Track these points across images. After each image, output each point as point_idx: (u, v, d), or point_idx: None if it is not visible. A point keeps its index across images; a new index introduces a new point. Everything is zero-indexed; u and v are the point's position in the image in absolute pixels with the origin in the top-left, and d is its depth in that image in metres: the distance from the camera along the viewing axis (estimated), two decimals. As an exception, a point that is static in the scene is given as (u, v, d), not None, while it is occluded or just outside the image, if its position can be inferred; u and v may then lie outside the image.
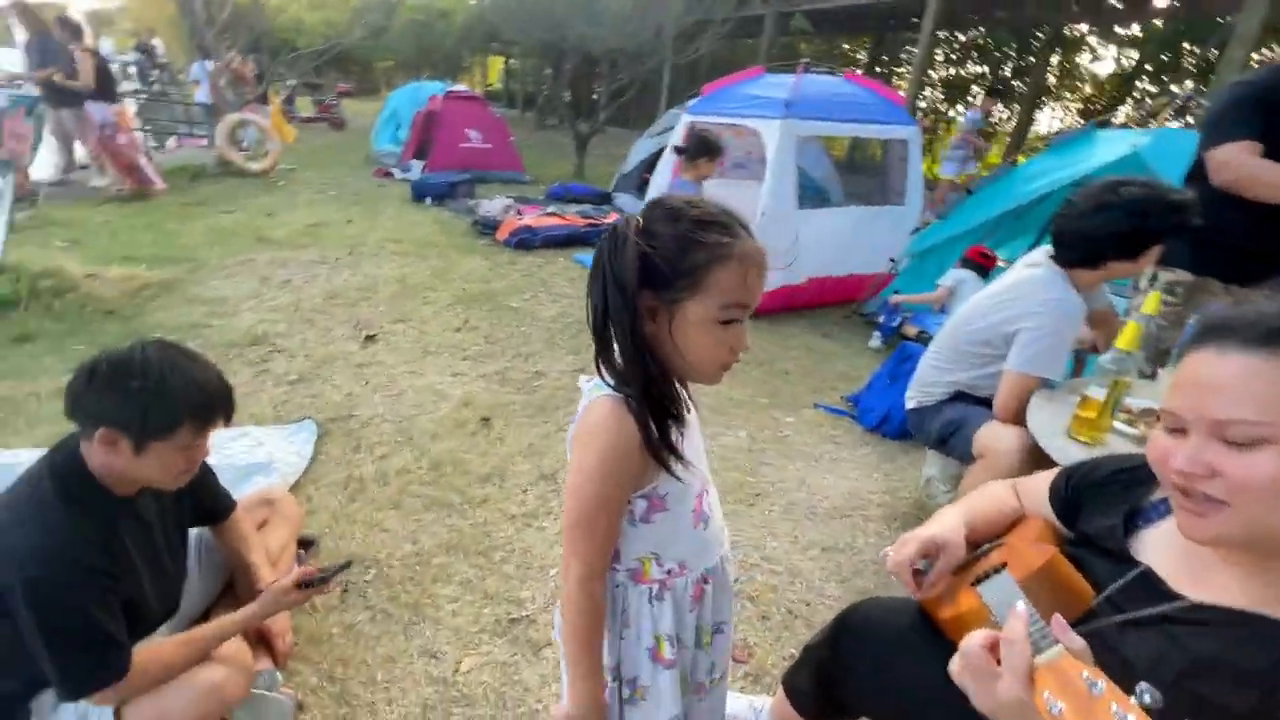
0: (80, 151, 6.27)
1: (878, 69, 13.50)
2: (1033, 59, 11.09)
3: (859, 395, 3.09)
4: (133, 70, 14.21)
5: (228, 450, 2.24)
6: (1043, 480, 1.07)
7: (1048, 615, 0.64)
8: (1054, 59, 11.76)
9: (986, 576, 0.96)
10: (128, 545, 1.26)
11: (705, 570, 0.94)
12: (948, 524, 1.03)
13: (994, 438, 1.75)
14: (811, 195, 5.62)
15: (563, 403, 2.87)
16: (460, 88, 9.09)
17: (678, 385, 0.86)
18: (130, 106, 9.12)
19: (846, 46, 15.55)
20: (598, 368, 0.82)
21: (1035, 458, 1.54)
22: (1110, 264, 1.74)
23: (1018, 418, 1.71)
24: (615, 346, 0.79)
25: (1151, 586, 0.76)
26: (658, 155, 5.88)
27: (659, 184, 5.15)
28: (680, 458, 0.83)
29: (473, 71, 24.04)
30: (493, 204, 5.85)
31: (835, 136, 5.76)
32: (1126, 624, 0.75)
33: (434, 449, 2.44)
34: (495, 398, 2.86)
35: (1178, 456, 0.68)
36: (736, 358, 0.80)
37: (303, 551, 1.78)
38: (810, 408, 3.09)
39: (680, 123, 5.39)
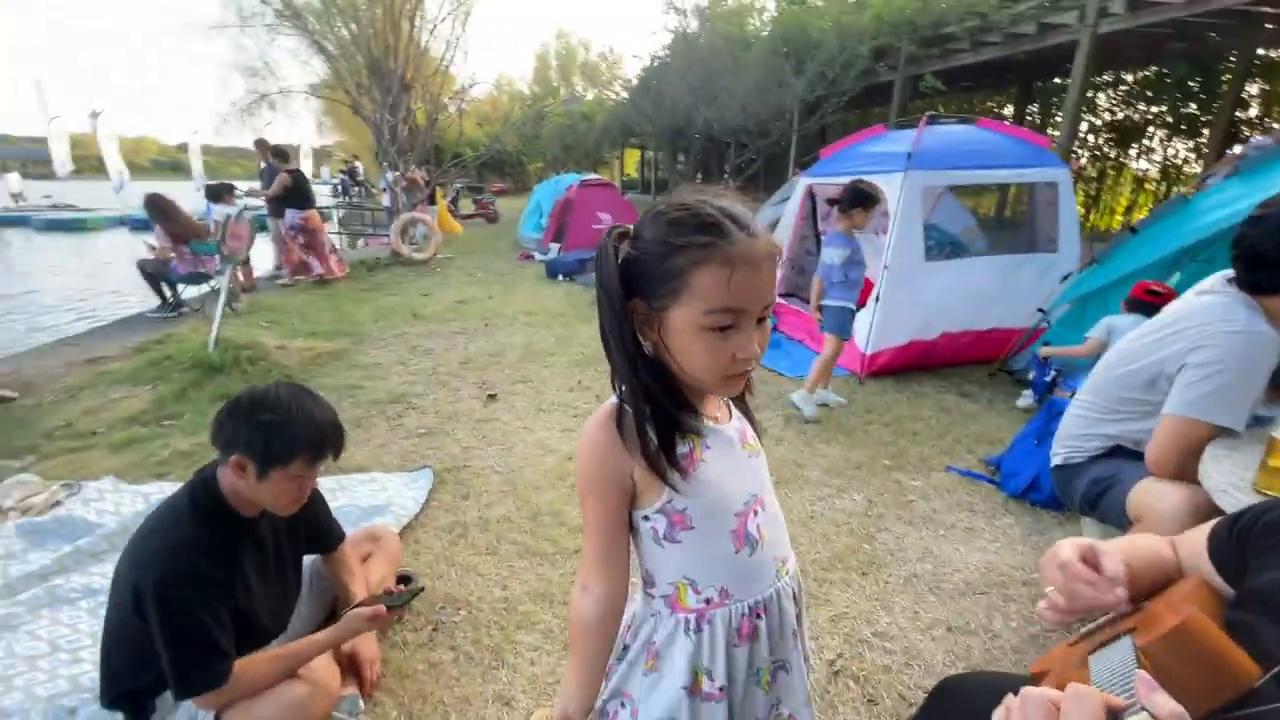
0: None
1: (1026, 120, 12.63)
2: (1221, 92, 9.74)
3: (1001, 458, 2.70)
4: (343, 188, 17.49)
5: (355, 492, 2.47)
6: (1204, 531, 0.84)
7: (1183, 694, 0.48)
8: (1251, 87, 10.27)
9: (1108, 644, 0.76)
10: (243, 561, 1.41)
11: (755, 603, 0.84)
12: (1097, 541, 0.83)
13: (1153, 496, 1.42)
14: (948, 248, 5.26)
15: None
16: (593, 176, 9.90)
17: (688, 396, 0.80)
18: (334, 214, 11.07)
19: (990, 104, 14.78)
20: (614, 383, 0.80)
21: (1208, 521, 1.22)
22: None
23: (1177, 473, 1.38)
24: (615, 365, 0.76)
25: None
26: (777, 223, 5.88)
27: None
28: (677, 468, 0.76)
29: (611, 164, 26.17)
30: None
31: (968, 185, 5.41)
32: None
33: (535, 499, 2.50)
34: (599, 453, 2.89)
35: None
36: (747, 366, 0.73)
37: (401, 586, 1.87)
38: (941, 471, 2.75)
39: (798, 187, 5.39)
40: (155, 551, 1.27)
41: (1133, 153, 12.78)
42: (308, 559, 1.71)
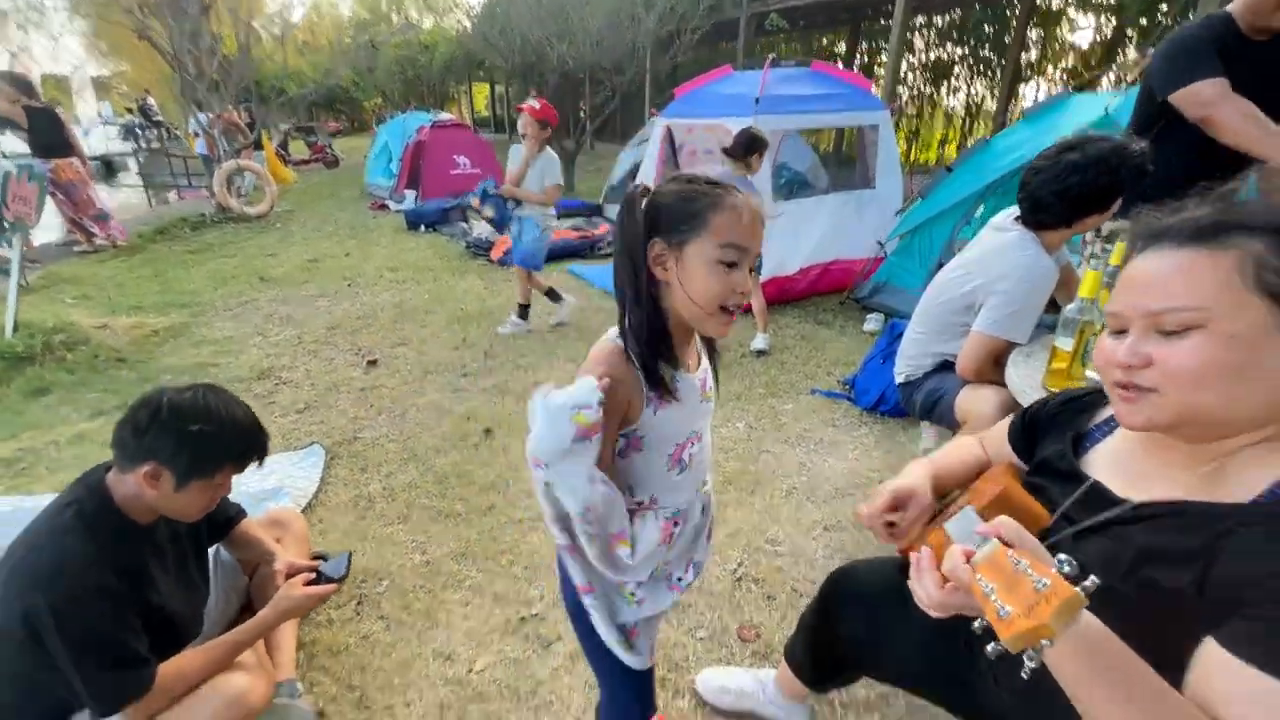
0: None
1: (858, 58, 13.60)
2: (1008, 36, 11.09)
3: (854, 378, 3.12)
4: (138, 130, 14.71)
5: (241, 481, 2.30)
6: (1003, 427, 1.12)
7: None
8: (1032, 33, 11.77)
9: (956, 515, 1.01)
10: (148, 568, 1.33)
11: (675, 512, 1.04)
12: (914, 475, 1.08)
13: (974, 400, 1.78)
14: (797, 187, 5.68)
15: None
16: (446, 116, 9.23)
17: (693, 339, 1.01)
18: (130, 162, 9.29)
19: (825, 41, 15.65)
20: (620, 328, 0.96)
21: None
22: (1085, 219, 1.77)
23: (979, 377, 1.76)
24: (628, 300, 0.92)
25: (1100, 497, 0.82)
26: (639, 167, 5.96)
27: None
28: (669, 390, 0.93)
29: (460, 100, 24.38)
30: (485, 225, 5.94)
31: (808, 129, 5.84)
32: (1081, 533, 0.82)
33: (438, 463, 2.50)
34: (496, 410, 2.93)
35: (1119, 351, 0.74)
36: (740, 300, 0.90)
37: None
38: (808, 394, 3.12)
39: (656, 128, 5.48)
40: (44, 569, 1.16)
41: (944, 91, 14.26)
42: (210, 553, 1.63)
